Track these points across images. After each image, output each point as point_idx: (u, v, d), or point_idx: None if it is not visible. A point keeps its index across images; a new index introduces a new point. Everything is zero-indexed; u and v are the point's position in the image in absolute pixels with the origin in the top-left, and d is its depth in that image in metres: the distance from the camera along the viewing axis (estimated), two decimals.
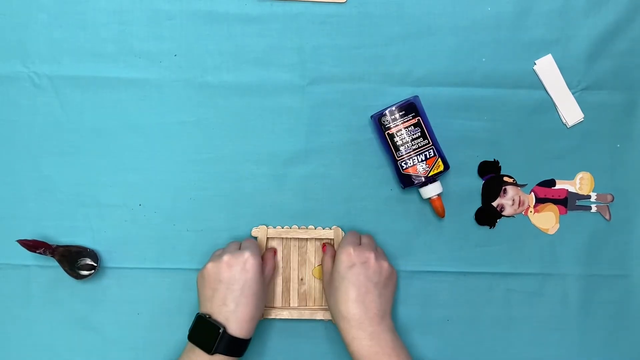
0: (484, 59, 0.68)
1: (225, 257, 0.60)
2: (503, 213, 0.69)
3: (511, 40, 0.68)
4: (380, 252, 0.64)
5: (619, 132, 0.69)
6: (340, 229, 0.68)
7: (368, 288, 0.59)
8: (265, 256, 0.66)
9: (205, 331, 0.58)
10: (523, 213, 0.69)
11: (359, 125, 0.69)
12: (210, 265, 0.61)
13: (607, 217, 0.68)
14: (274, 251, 0.68)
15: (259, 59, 0.69)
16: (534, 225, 0.69)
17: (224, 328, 0.57)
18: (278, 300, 0.68)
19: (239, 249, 0.62)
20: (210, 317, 0.59)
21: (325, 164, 0.69)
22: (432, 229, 0.68)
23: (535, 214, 0.69)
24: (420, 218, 0.68)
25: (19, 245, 0.65)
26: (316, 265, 0.68)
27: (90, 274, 0.66)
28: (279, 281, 0.68)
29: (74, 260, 0.66)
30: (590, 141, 0.69)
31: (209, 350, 0.57)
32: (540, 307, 0.68)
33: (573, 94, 0.68)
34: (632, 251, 0.68)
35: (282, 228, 0.68)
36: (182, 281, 0.68)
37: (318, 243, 0.68)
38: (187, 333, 0.59)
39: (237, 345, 0.58)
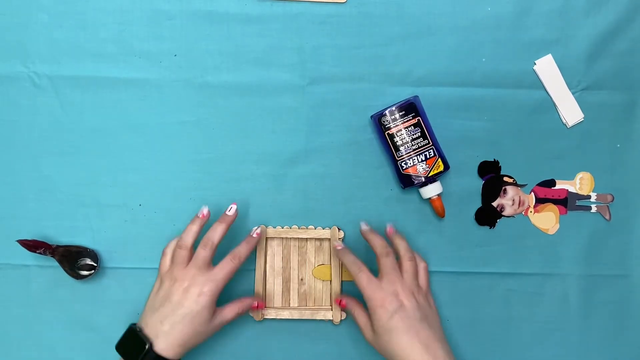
0: (484, 59, 0.68)
1: (185, 284, 0.59)
2: (503, 213, 0.69)
3: (511, 40, 0.68)
4: (411, 278, 0.60)
5: (619, 132, 0.69)
6: (337, 229, 0.68)
7: (416, 328, 0.57)
8: (239, 301, 0.63)
9: (132, 344, 0.58)
10: (523, 213, 0.69)
11: (359, 125, 0.69)
12: (167, 283, 0.60)
13: (607, 217, 0.68)
14: (257, 303, 0.65)
15: (259, 59, 0.69)
16: (534, 226, 0.69)
17: (151, 344, 0.57)
18: (278, 301, 0.68)
19: (207, 266, 0.60)
20: (141, 330, 0.58)
21: (325, 164, 0.69)
22: (432, 229, 0.68)
23: (535, 214, 0.69)
24: (420, 218, 0.68)
25: (19, 245, 0.65)
26: (316, 265, 0.68)
27: (90, 274, 0.66)
28: (279, 281, 0.68)
29: (74, 260, 0.66)
30: (590, 141, 0.69)
31: None
32: (540, 307, 0.68)
33: (573, 94, 0.68)
34: (632, 251, 0.68)
35: (282, 228, 0.68)
36: None
37: (318, 243, 0.68)
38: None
39: None
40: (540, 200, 0.69)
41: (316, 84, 0.69)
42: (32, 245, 0.65)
